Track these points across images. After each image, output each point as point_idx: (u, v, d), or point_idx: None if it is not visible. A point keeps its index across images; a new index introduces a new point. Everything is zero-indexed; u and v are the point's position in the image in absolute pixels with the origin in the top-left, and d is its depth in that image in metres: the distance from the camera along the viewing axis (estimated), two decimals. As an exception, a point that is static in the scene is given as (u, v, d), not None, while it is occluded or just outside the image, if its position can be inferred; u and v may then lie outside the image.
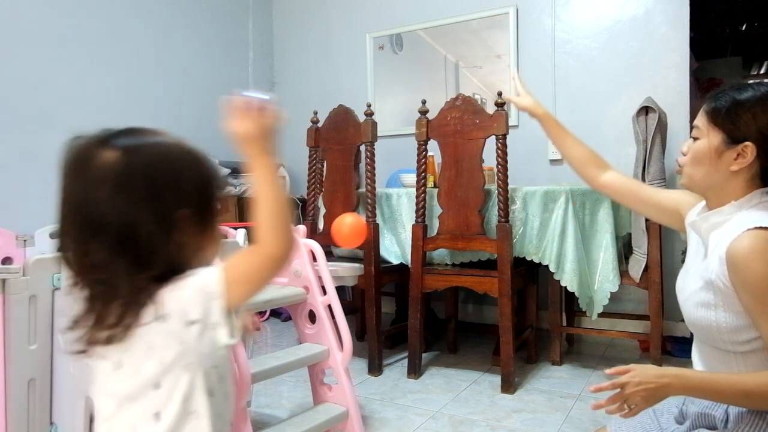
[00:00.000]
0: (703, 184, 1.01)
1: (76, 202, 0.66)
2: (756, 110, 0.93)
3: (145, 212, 0.64)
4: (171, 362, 0.66)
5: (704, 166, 0.99)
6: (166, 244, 0.66)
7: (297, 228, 1.73)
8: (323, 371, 1.67)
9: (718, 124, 0.96)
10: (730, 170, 0.95)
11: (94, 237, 0.64)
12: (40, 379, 1.33)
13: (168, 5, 3.37)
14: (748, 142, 0.92)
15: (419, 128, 2.37)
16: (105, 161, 0.66)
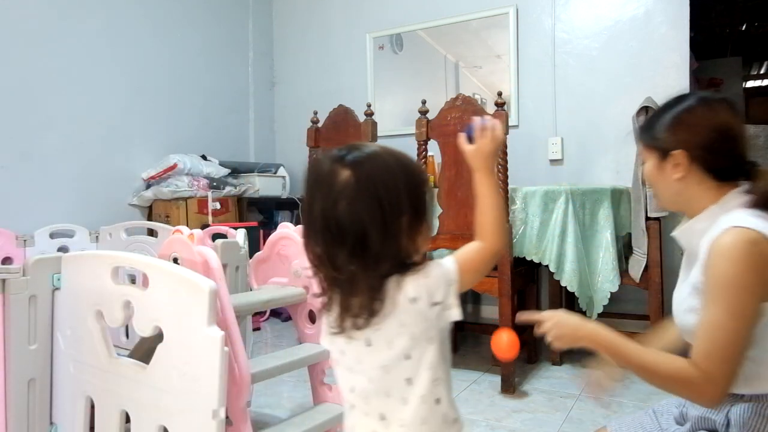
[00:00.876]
0: (671, 200, 1.06)
1: (323, 213, 0.77)
2: (668, 121, 1.00)
3: (373, 221, 0.75)
4: (418, 336, 0.79)
5: (658, 184, 1.05)
6: (392, 247, 0.77)
7: (298, 228, 1.73)
8: (323, 371, 1.66)
9: (649, 145, 1.04)
10: (675, 179, 1.00)
11: (336, 243, 0.76)
12: (40, 379, 1.33)
13: (168, 5, 3.37)
14: (675, 151, 0.98)
15: (419, 128, 2.37)
16: (341, 178, 0.77)
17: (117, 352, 1.29)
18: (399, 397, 0.81)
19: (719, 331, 0.88)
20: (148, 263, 1.20)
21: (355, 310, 0.78)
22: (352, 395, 0.84)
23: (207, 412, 1.08)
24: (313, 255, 0.80)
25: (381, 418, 0.82)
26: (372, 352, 0.80)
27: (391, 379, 0.81)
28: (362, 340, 0.81)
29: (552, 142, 3.08)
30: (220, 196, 3.18)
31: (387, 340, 0.79)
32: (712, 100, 1.00)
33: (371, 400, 0.83)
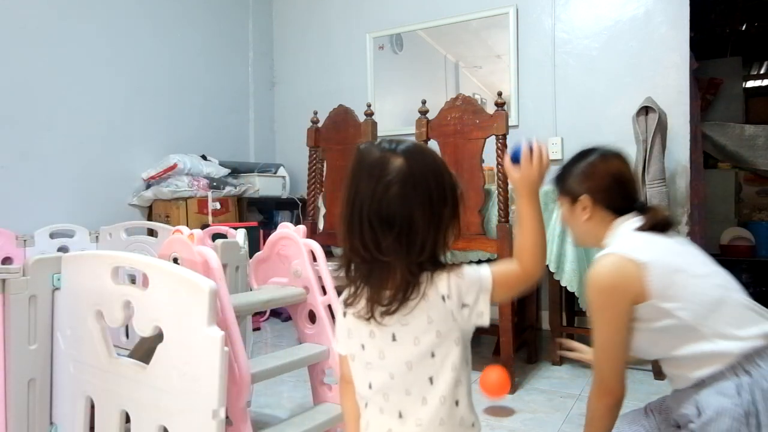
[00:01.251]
0: (583, 238, 1.27)
1: (373, 197, 0.78)
2: (573, 172, 1.24)
3: (422, 209, 0.78)
4: (444, 335, 0.81)
5: (572, 225, 1.26)
6: (433, 236, 0.80)
7: (298, 228, 1.73)
8: (323, 371, 1.66)
9: (561, 193, 1.27)
10: (584, 220, 1.22)
11: (383, 227, 0.77)
12: (40, 379, 1.33)
13: (168, 5, 3.37)
14: (581, 196, 1.22)
15: (419, 128, 2.37)
16: (394, 165, 0.79)
17: (117, 352, 1.29)
18: (419, 395, 0.81)
19: (597, 346, 1.13)
20: (148, 263, 1.20)
21: (387, 298, 0.79)
22: (369, 392, 0.84)
23: (207, 412, 1.08)
24: (353, 240, 0.80)
25: (398, 416, 0.82)
26: (397, 347, 0.81)
27: (413, 376, 0.81)
28: (388, 334, 0.81)
29: (552, 142, 3.08)
30: (220, 196, 3.18)
31: (414, 336, 0.80)
32: (608, 154, 1.24)
33: (390, 396, 0.83)
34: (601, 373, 1.13)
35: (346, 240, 0.81)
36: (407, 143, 0.84)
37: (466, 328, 0.83)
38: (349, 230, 0.80)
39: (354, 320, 0.85)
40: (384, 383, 0.83)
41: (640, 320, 1.10)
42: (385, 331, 0.81)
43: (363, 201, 0.79)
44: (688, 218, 2.78)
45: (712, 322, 1.05)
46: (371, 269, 0.80)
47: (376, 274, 0.80)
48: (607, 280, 1.09)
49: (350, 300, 0.84)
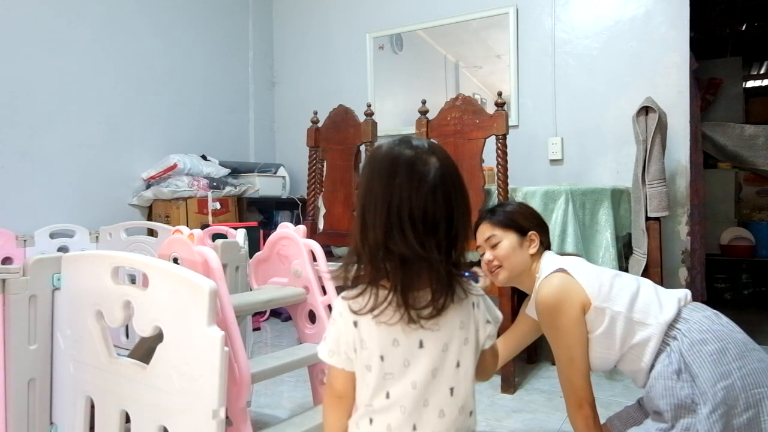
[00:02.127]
0: (518, 271, 1.40)
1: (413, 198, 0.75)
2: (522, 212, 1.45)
3: (460, 209, 0.78)
4: (470, 343, 0.81)
5: (515, 256, 1.39)
6: (465, 236, 0.79)
7: (298, 228, 1.73)
8: (323, 371, 1.66)
9: (509, 227, 1.40)
10: (530, 254, 1.39)
11: (427, 227, 0.74)
12: (40, 379, 1.33)
13: (168, 5, 3.37)
14: (531, 231, 1.40)
15: (419, 128, 2.37)
16: (433, 166, 0.78)
17: (117, 352, 1.29)
18: (437, 407, 0.78)
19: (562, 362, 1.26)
20: (148, 263, 1.20)
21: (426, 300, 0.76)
22: (385, 402, 0.78)
23: (207, 412, 1.08)
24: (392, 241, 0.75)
25: (413, 428, 0.78)
26: (424, 354, 0.77)
27: (435, 385, 0.78)
28: (415, 341, 0.77)
29: (552, 142, 3.08)
30: (220, 196, 3.18)
31: (443, 342, 0.78)
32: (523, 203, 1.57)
33: (407, 408, 0.78)
34: (572, 385, 1.25)
35: (382, 243, 0.75)
36: (429, 141, 0.84)
37: (482, 343, 0.82)
38: (387, 231, 0.75)
39: (372, 328, 0.78)
40: (404, 393, 0.78)
41: (589, 331, 1.25)
42: (412, 337, 0.77)
43: (403, 201, 0.75)
44: (688, 218, 2.78)
45: (639, 307, 1.23)
46: (408, 272, 0.75)
47: (413, 277, 0.75)
48: (557, 296, 1.24)
49: (368, 308, 0.77)
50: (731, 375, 1.09)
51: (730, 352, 1.11)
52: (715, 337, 1.14)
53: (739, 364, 1.10)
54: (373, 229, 0.76)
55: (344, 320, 0.81)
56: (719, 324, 1.19)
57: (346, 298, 0.80)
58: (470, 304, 0.80)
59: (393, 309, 0.76)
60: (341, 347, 0.82)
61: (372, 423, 0.80)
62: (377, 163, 0.79)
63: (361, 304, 0.78)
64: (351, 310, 0.79)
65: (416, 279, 0.76)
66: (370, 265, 0.77)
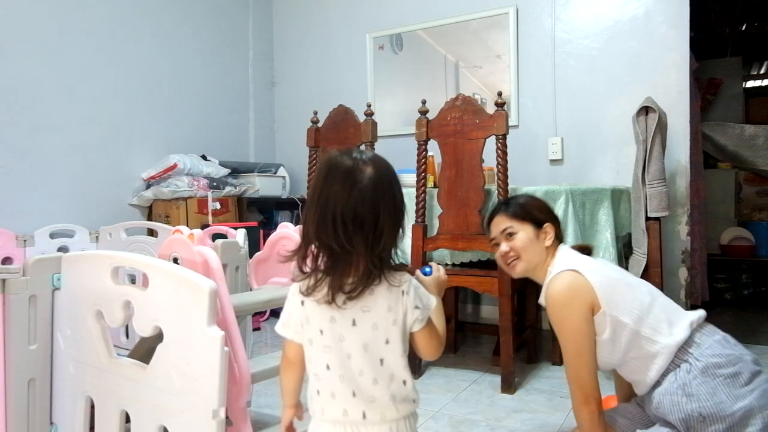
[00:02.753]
0: (534, 263, 1.41)
1: (345, 201, 0.88)
2: (536, 204, 1.46)
3: (387, 211, 0.90)
4: (398, 324, 0.93)
5: (532, 248, 1.41)
6: (394, 234, 0.92)
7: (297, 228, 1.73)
8: (323, 371, 1.66)
9: (525, 219, 1.42)
10: (546, 246, 1.40)
11: (355, 226, 0.87)
12: (40, 379, 1.33)
13: (168, 5, 3.37)
14: (546, 223, 1.41)
15: (419, 128, 2.37)
16: (366, 174, 0.90)
17: (117, 352, 1.29)
18: (371, 376, 0.92)
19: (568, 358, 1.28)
20: (148, 263, 1.20)
21: (350, 285, 0.89)
22: (326, 373, 0.93)
23: (207, 412, 1.08)
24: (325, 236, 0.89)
25: (352, 395, 0.92)
26: (356, 330, 0.92)
27: (368, 358, 0.92)
28: (348, 319, 0.91)
29: (552, 142, 3.08)
30: (220, 196, 3.18)
31: (373, 322, 0.92)
32: None
33: (345, 377, 0.92)
34: (579, 380, 1.27)
35: (315, 236, 0.90)
36: (373, 154, 0.95)
37: (410, 325, 0.95)
38: (322, 228, 0.89)
39: (314, 307, 0.93)
40: (341, 364, 0.92)
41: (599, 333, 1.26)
42: (346, 315, 0.91)
43: (337, 203, 0.88)
44: (688, 218, 2.78)
45: (649, 323, 1.24)
46: (337, 261, 0.90)
47: (341, 266, 0.90)
48: (567, 293, 1.26)
49: (310, 290, 0.92)
50: (747, 396, 1.14)
51: (743, 376, 1.17)
52: (728, 362, 1.18)
53: (753, 386, 1.16)
54: (312, 224, 0.90)
55: (294, 300, 0.96)
56: (730, 348, 1.22)
57: (296, 281, 0.95)
58: (400, 291, 0.93)
59: (325, 291, 0.90)
60: (291, 321, 0.97)
61: (320, 393, 0.95)
62: (321, 169, 0.93)
63: (303, 287, 0.93)
64: (300, 291, 0.94)
65: (345, 267, 0.90)
66: (311, 255, 0.92)
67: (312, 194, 0.92)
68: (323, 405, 0.95)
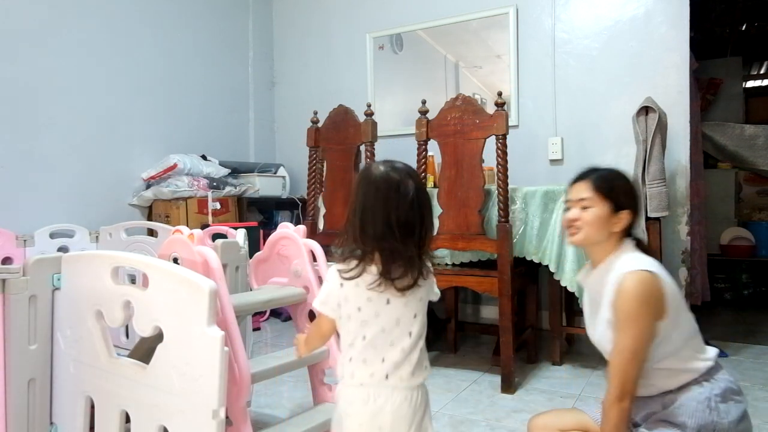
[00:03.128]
0: (593, 241, 1.36)
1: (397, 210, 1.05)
2: (627, 187, 1.36)
3: (426, 216, 1.08)
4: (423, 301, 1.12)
5: (598, 228, 1.34)
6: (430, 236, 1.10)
7: (298, 228, 1.73)
8: (323, 371, 1.66)
9: (607, 197, 1.33)
10: (613, 231, 1.32)
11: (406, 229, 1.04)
12: (40, 379, 1.33)
13: (168, 5, 3.37)
14: (626, 210, 1.32)
15: (419, 128, 2.37)
16: (412, 186, 1.07)
17: (117, 352, 1.29)
18: (399, 345, 1.07)
19: (624, 352, 1.22)
20: (148, 263, 1.20)
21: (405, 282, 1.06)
22: (362, 343, 1.07)
23: (207, 412, 1.08)
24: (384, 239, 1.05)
25: (381, 360, 1.07)
26: (390, 309, 1.07)
27: (399, 330, 1.07)
28: (383, 299, 1.07)
29: (552, 142, 3.08)
30: (220, 196, 3.18)
31: (404, 301, 1.08)
32: None
33: (378, 345, 1.07)
34: (625, 376, 1.22)
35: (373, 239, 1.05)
36: (409, 167, 1.11)
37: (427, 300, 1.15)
38: (383, 232, 1.04)
39: (352, 289, 1.08)
40: (375, 335, 1.07)
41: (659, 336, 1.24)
42: (382, 297, 1.07)
43: (391, 212, 1.05)
44: (688, 218, 2.78)
45: (689, 347, 1.26)
46: (392, 260, 1.05)
47: (396, 264, 1.05)
48: (647, 293, 1.22)
49: (354, 277, 1.07)
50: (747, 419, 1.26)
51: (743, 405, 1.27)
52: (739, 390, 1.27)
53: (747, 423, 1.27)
54: (373, 228, 1.05)
55: (334, 282, 1.10)
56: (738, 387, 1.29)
57: (338, 268, 1.09)
58: (429, 282, 1.12)
59: (378, 279, 1.05)
60: (330, 300, 1.11)
61: (352, 360, 1.08)
62: (374, 182, 1.08)
63: (350, 273, 1.07)
64: (341, 276, 1.08)
65: (397, 262, 1.06)
66: (363, 251, 1.07)
67: (366, 203, 1.07)
68: (353, 370, 1.08)
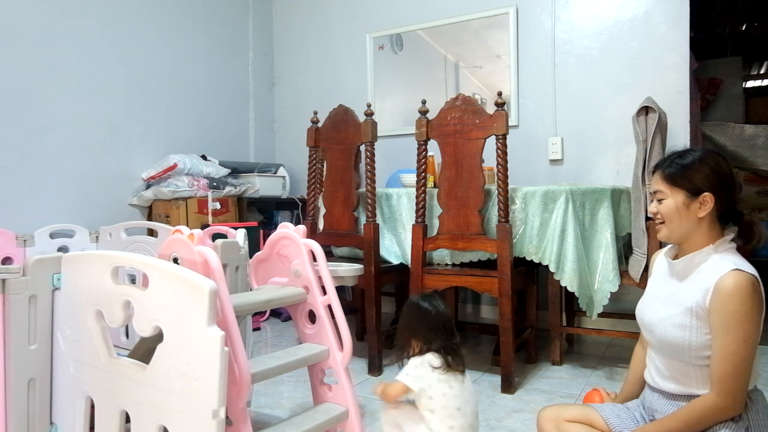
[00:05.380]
0: (681, 233, 1.27)
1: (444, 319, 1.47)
2: (701, 168, 1.25)
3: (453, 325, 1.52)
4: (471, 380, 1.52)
5: (678, 218, 1.27)
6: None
7: (298, 228, 1.73)
8: (323, 371, 1.66)
9: (678, 185, 1.26)
10: (698, 217, 1.24)
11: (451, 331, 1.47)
12: (40, 379, 1.33)
13: (168, 5, 3.37)
14: (706, 193, 1.23)
15: (419, 128, 2.37)
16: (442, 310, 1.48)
17: (117, 352, 1.29)
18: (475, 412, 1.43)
19: (734, 356, 1.13)
20: (148, 263, 1.20)
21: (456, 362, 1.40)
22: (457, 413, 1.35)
23: (207, 412, 1.08)
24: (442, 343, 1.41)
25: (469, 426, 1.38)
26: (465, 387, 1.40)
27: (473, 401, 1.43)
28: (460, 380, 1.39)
29: (552, 142, 3.08)
30: (220, 196, 3.18)
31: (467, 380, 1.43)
32: (721, 155, 1.28)
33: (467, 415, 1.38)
34: (737, 383, 1.14)
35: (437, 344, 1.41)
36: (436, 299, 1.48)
37: None
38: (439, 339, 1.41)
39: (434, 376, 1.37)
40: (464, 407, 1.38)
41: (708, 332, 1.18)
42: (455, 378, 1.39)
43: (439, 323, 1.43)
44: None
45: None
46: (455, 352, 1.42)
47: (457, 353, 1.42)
48: (758, 295, 1.15)
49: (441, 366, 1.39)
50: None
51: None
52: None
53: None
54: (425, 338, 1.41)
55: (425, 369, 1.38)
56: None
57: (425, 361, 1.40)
58: None
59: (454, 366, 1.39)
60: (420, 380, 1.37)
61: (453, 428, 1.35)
62: (419, 310, 1.45)
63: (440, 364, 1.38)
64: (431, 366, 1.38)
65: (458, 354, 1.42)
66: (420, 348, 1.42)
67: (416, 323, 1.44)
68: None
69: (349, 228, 2.51)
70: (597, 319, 2.36)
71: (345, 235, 2.54)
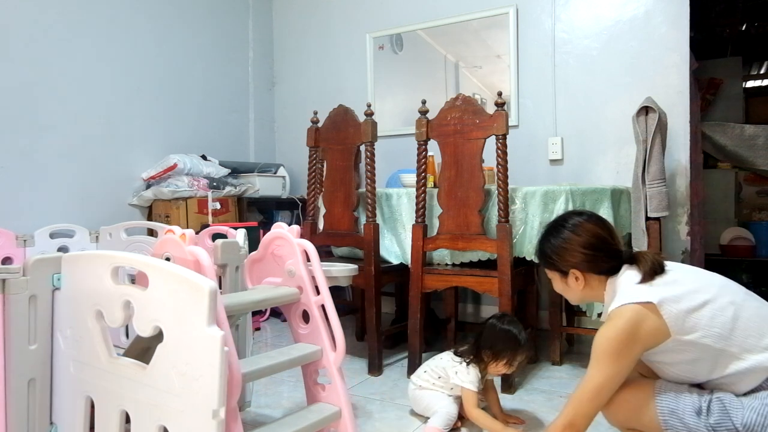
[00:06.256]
0: (580, 298, 1.39)
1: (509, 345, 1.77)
2: (562, 251, 1.35)
3: None
4: None
5: (568, 291, 1.39)
6: None
7: (291, 228, 1.73)
8: (317, 371, 1.66)
9: (549, 268, 1.40)
10: (581, 289, 1.35)
11: None
12: (40, 379, 1.33)
13: (168, 5, 3.37)
14: (571, 270, 1.34)
15: (419, 128, 2.37)
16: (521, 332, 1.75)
17: (117, 352, 1.29)
18: None
19: (588, 386, 1.21)
20: (148, 263, 1.20)
21: None
22: None
23: (207, 412, 1.08)
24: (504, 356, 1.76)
25: None
26: None
27: None
28: None
29: (552, 142, 3.08)
30: (220, 196, 3.18)
31: None
32: (579, 225, 1.35)
33: None
34: (580, 409, 1.21)
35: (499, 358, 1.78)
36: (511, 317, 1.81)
37: None
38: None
39: None
40: None
41: (673, 353, 1.19)
42: None
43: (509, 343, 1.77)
44: (688, 218, 2.78)
45: (735, 340, 1.13)
46: None
47: None
48: (627, 331, 1.17)
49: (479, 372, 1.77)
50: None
51: None
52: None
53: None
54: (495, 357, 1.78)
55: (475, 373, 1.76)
56: None
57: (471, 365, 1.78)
58: None
59: None
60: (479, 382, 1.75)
61: None
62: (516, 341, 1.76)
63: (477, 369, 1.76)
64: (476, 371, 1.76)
65: None
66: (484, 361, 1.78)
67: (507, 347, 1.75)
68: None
69: (349, 228, 2.51)
70: (597, 319, 2.36)
71: (345, 235, 2.54)
